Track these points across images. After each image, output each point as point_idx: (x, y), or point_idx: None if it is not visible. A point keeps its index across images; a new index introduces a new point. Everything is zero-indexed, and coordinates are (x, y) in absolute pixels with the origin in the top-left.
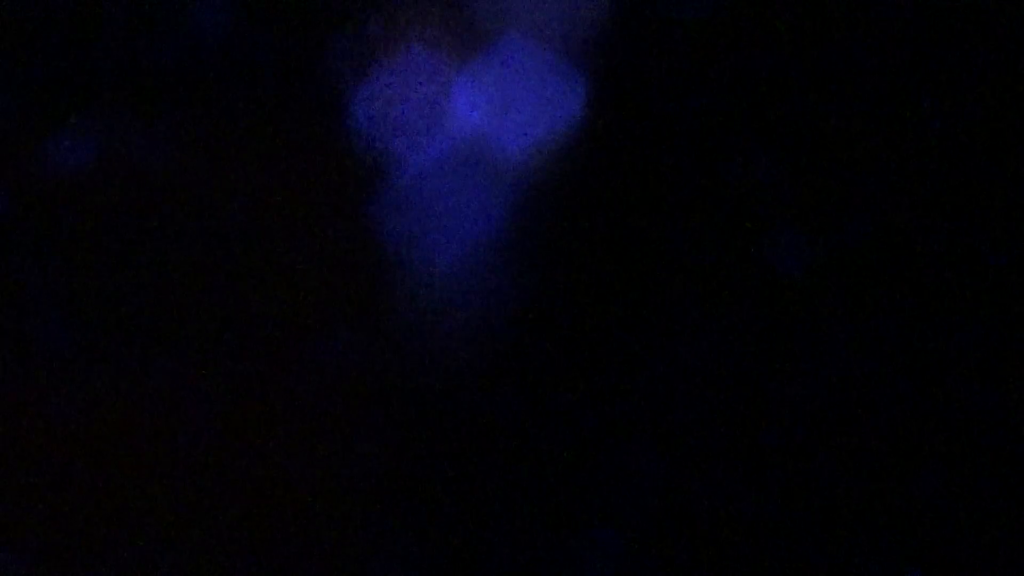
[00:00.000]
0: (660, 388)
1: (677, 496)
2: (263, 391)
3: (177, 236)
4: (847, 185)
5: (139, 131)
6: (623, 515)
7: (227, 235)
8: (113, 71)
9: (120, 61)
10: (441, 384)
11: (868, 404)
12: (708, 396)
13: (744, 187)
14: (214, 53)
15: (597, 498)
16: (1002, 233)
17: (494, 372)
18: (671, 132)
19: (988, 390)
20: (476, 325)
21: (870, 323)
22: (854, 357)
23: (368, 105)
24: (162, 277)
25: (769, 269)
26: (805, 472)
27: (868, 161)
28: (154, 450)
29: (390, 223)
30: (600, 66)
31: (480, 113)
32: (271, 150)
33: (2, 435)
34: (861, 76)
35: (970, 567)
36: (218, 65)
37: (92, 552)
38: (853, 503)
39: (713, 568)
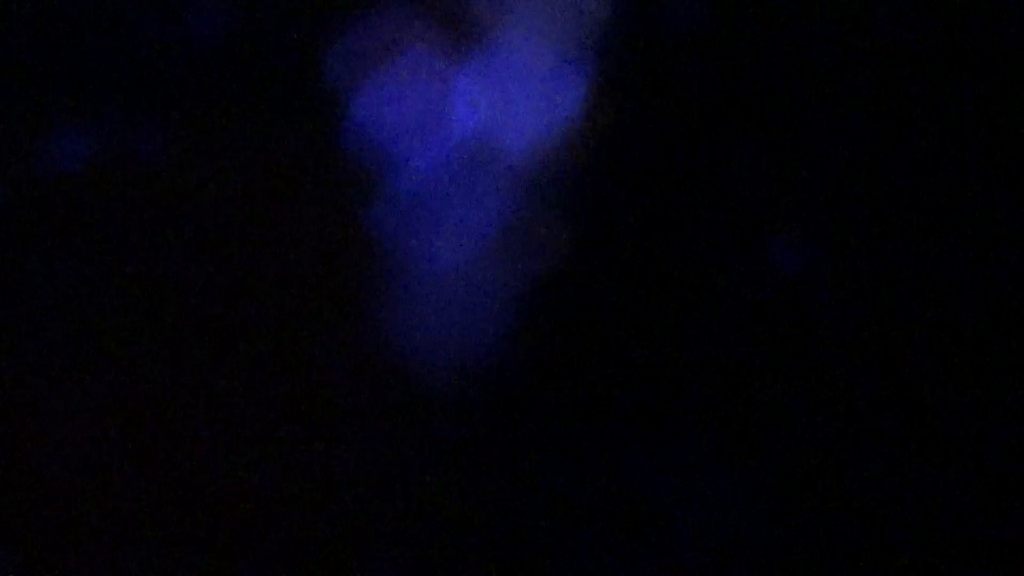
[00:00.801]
0: (660, 388)
1: (677, 497)
2: (262, 391)
3: (176, 236)
4: (847, 185)
5: (138, 131)
6: (622, 516)
7: (225, 235)
8: (112, 71)
9: (119, 60)
10: (441, 385)
11: (868, 404)
12: (707, 395)
13: (744, 187)
14: (213, 52)
15: (595, 498)
16: (1003, 231)
17: (494, 372)
18: (671, 132)
19: (989, 390)
20: (476, 326)
21: (870, 323)
22: (854, 357)
23: (368, 105)
24: (161, 277)
25: (769, 269)
26: (805, 473)
27: (869, 161)
28: (151, 448)
29: (390, 223)
30: (600, 66)
31: (480, 113)
32: (271, 150)
33: (1, 434)
34: (863, 76)
35: (970, 567)
36: (217, 65)
37: (91, 552)
38: (854, 503)
39: (713, 569)
